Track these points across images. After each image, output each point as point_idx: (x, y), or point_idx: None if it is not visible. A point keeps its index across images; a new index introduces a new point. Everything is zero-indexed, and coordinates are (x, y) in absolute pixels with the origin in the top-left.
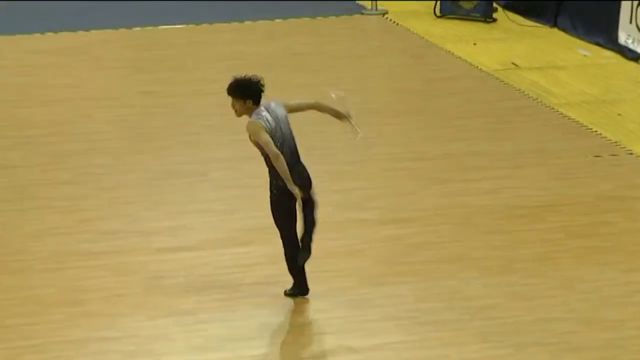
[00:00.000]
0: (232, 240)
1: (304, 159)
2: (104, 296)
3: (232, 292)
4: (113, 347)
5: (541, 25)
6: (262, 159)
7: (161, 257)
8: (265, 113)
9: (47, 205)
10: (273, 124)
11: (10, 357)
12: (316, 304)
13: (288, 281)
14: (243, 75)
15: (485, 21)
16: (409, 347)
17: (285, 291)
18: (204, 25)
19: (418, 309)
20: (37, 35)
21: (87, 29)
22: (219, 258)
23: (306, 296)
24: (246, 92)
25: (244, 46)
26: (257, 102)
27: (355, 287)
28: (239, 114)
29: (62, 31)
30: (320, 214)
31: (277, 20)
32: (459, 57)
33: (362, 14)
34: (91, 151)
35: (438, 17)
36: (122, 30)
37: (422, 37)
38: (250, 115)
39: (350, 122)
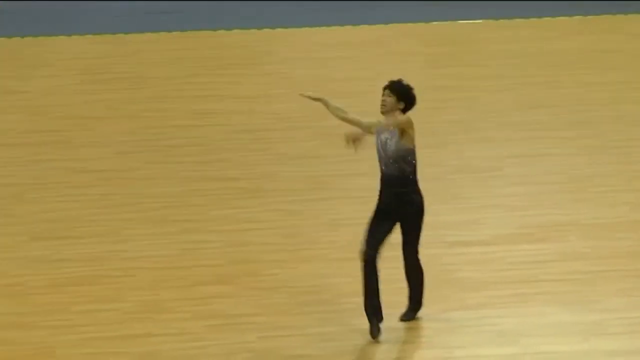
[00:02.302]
0: (525, 236)
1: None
2: (396, 287)
3: (525, 288)
4: (402, 338)
5: None
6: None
7: (454, 250)
8: None
9: (342, 195)
10: None
11: (305, 344)
12: (609, 303)
13: (579, 280)
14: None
15: None
16: None
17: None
18: (503, 20)
19: None
20: (335, 27)
21: (385, 23)
22: (512, 253)
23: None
24: (406, 96)
25: (542, 43)
26: (405, 111)
27: None
28: (387, 109)
29: (360, 24)
30: (614, 213)
31: (575, 17)
32: None
33: None
34: None
35: None
36: (420, 24)
37: None
38: (392, 117)
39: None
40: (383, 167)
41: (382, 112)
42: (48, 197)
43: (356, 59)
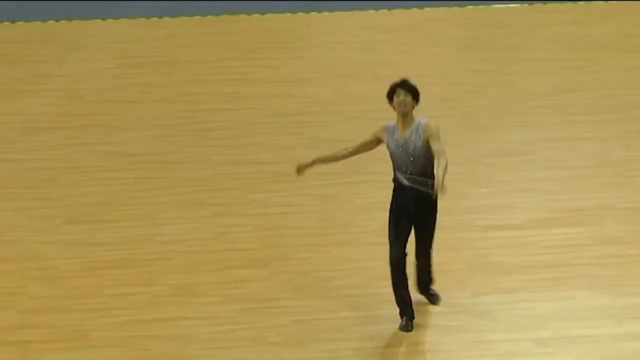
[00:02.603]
0: (559, 220)
1: None
2: None
3: (559, 272)
4: (434, 321)
5: None
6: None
7: (487, 234)
8: None
9: (375, 179)
10: None
11: (336, 327)
12: None
13: (613, 263)
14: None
15: None
16: None
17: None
18: (538, 4)
19: None
20: (371, 11)
21: (420, 7)
22: (545, 237)
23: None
24: (417, 95)
25: (577, 27)
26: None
27: None
28: (407, 109)
29: (395, 8)
30: None
31: (611, 2)
32: None
33: None
34: None
35: None
36: (455, 8)
37: None
38: (410, 116)
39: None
40: (404, 168)
41: (401, 112)
42: (83, 181)
43: (390, 43)
